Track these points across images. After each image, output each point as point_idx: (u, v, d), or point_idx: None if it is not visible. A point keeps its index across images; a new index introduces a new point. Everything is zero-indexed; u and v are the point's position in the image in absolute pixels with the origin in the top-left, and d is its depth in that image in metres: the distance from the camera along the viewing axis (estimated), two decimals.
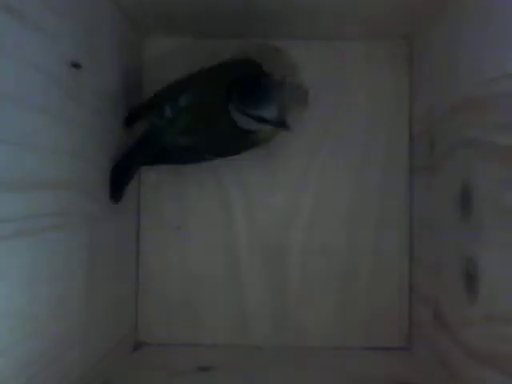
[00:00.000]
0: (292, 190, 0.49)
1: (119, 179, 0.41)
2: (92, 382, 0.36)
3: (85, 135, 0.35)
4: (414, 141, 0.47)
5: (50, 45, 0.30)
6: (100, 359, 0.38)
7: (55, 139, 0.31)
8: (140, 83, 0.49)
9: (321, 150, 0.49)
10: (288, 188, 0.49)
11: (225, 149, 0.44)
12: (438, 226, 0.40)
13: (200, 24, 0.46)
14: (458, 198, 0.35)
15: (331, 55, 0.49)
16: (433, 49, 0.42)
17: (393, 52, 0.49)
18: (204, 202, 0.49)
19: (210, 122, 0.42)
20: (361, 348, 0.48)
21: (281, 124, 0.40)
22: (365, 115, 0.49)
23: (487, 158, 0.31)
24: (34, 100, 0.28)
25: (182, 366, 0.43)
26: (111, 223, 0.41)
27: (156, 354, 0.46)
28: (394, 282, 0.48)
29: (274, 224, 0.49)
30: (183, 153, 0.44)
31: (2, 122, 0.25)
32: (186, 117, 0.42)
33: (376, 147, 0.49)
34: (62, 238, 0.32)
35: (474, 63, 0.33)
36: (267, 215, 0.49)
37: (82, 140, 0.35)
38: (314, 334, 0.48)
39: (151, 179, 0.49)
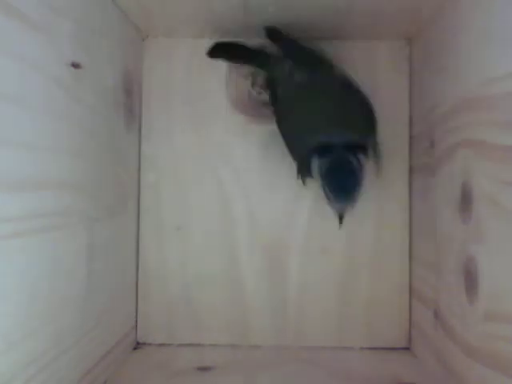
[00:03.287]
0: (292, 189, 0.49)
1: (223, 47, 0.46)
2: (92, 382, 0.36)
3: (85, 135, 0.35)
4: (414, 141, 0.47)
5: (49, 45, 0.30)
6: (100, 359, 0.38)
7: (55, 139, 0.31)
8: (140, 83, 0.49)
9: None
10: (288, 188, 0.49)
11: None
12: (438, 226, 0.40)
13: (200, 24, 0.46)
14: (458, 198, 0.35)
15: (331, 55, 0.49)
16: (433, 49, 0.42)
17: (393, 52, 0.49)
18: (204, 201, 0.49)
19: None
20: (361, 348, 0.48)
21: (340, 217, 0.40)
22: None
23: (487, 158, 0.31)
24: (34, 100, 0.28)
25: (181, 365, 0.43)
26: (111, 223, 0.41)
27: (156, 353, 0.46)
28: (393, 282, 0.48)
29: (274, 224, 0.49)
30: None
31: (1, 122, 0.25)
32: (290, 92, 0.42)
33: None
34: (61, 238, 0.32)
35: (474, 63, 0.33)
36: (267, 215, 0.49)
37: (82, 140, 0.35)
38: (314, 333, 0.48)
39: (151, 179, 0.49)
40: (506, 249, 0.28)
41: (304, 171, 0.42)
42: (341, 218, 0.40)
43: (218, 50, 0.47)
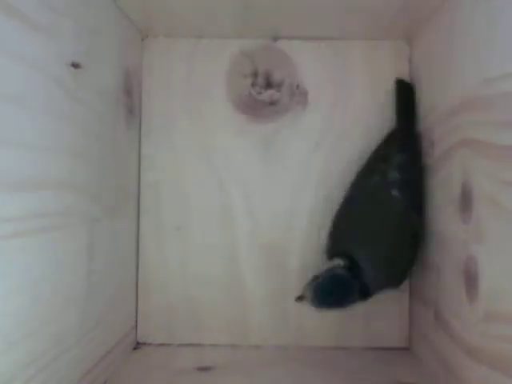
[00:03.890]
0: (292, 189, 0.49)
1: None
2: (92, 382, 0.36)
3: (85, 135, 0.35)
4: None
5: (50, 45, 0.30)
6: (100, 359, 0.38)
7: (55, 139, 0.31)
8: (140, 83, 0.49)
9: (321, 149, 0.49)
10: (288, 188, 0.49)
11: None
12: (438, 226, 0.40)
13: (200, 24, 0.46)
14: (458, 198, 0.35)
15: (331, 55, 0.49)
16: (433, 49, 0.42)
17: (393, 52, 0.49)
18: (204, 201, 0.49)
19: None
20: (361, 348, 0.48)
21: (301, 297, 0.43)
22: (365, 115, 0.49)
23: (487, 158, 0.31)
24: (34, 100, 0.28)
25: (181, 365, 0.43)
26: (111, 223, 0.41)
27: (156, 353, 0.46)
28: None
29: (274, 224, 0.49)
30: None
31: (1, 122, 0.25)
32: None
33: None
34: (62, 238, 0.32)
35: (474, 63, 0.33)
36: (267, 215, 0.49)
37: (82, 140, 0.35)
38: (314, 333, 0.48)
39: (151, 179, 0.49)
40: (506, 249, 0.28)
41: (327, 254, 0.44)
42: (301, 298, 0.42)
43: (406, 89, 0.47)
